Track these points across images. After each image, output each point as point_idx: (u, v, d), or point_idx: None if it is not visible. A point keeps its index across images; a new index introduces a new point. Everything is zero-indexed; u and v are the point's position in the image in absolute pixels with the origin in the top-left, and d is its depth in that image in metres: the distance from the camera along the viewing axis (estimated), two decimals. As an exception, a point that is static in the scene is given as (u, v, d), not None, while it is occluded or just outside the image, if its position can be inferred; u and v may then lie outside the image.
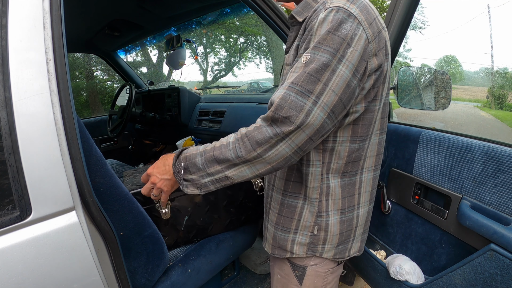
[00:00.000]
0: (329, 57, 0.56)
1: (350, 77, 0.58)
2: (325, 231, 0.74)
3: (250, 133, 0.59)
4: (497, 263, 0.73)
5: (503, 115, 9.41)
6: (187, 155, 0.67)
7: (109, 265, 0.70)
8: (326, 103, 0.56)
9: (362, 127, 0.69)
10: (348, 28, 0.57)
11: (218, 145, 0.64)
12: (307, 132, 0.56)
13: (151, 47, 8.13)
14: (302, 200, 0.74)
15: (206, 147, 0.66)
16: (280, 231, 0.77)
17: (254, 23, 9.61)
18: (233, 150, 0.61)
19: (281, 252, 0.79)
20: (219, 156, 0.62)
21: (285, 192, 0.76)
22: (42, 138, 0.57)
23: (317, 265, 0.78)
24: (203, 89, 4.47)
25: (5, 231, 0.56)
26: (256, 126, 0.60)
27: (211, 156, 0.63)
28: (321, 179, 0.71)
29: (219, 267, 1.20)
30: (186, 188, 0.68)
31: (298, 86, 0.56)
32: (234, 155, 0.61)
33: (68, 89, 0.60)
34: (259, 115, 0.63)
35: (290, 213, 0.75)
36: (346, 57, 0.57)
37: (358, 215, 0.77)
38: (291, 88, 0.57)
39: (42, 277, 0.59)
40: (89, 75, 7.21)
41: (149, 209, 0.99)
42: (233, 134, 0.64)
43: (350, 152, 0.70)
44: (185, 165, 0.67)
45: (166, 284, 0.99)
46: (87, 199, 0.63)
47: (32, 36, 0.57)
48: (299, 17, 0.69)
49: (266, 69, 12.81)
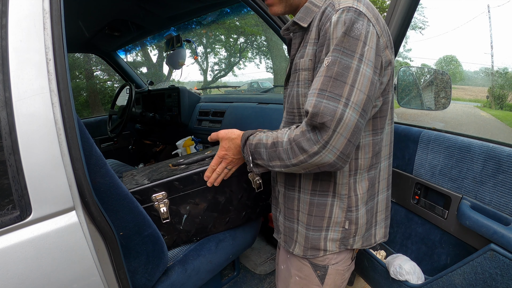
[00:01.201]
0: (349, 59, 0.59)
1: (372, 74, 0.60)
2: (355, 224, 0.76)
3: (298, 138, 0.62)
4: (497, 263, 0.73)
5: (503, 115, 9.41)
6: (253, 143, 0.73)
7: (109, 265, 0.70)
8: (357, 103, 0.59)
9: (381, 119, 0.73)
10: (360, 27, 0.59)
11: (275, 141, 0.68)
12: (345, 134, 0.58)
13: (151, 47, 8.13)
14: (331, 197, 0.75)
15: (267, 139, 0.70)
16: (312, 231, 0.77)
17: (254, 23, 9.61)
18: (284, 152, 0.65)
19: (314, 252, 0.79)
20: (277, 154, 0.67)
21: (313, 192, 0.76)
22: (42, 138, 0.57)
23: (337, 264, 0.80)
24: (203, 89, 4.47)
25: (5, 231, 0.56)
26: (302, 130, 0.62)
27: (273, 151, 0.68)
28: (349, 175, 0.73)
29: (219, 267, 1.20)
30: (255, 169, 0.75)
31: (327, 92, 0.58)
32: (286, 157, 0.65)
33: (68, 89, 0.60)
34: (259, 115, 0.64)
35: (320, 212, 0.76)
36: (365, 56, 0.59)
37: (377, 202, 0.81)
38: (320, 94, 0.59)
39: (42, 277, 0.59)
40: (89, 75, 7.21)
41: (148, 208, 0.99)
42: (287, 131, 0.67)
43: (374, 145, 0.74)
44: (252, 152, 0.74)
45: (166, 284, 0.99)
46: (87, 199, 0.63)
47: (32, 36, 0.57)
48: (303, 22, 0.70)
49: (266, 69, 12.81)
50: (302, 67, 0.69)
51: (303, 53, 0.70)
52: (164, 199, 1.01)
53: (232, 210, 1.16)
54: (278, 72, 7.67)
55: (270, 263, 1.61)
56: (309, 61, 0.68)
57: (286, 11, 0.76)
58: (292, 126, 0.68)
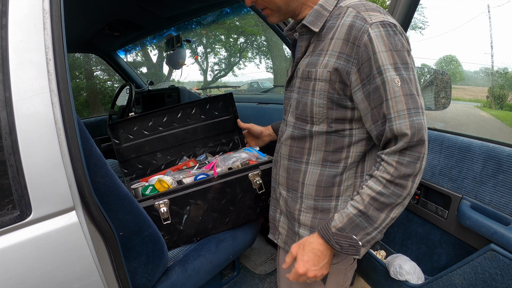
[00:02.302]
0: (408, 71, 0.62)
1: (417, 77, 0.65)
2: None
3: (398, 173, 0.61)
4: (497, 263, 0.73)
5: (503, 115, 9.40)
6: (341, 225, 0.66)
7: (109, 265, 0.70)
8: (423, 107, 0.63)
9: None
10: (398, 40, 0.62)
11: (371, 196, 0.64)
12: (427, 138, 0.62)
13: (151, 47, 8.13)
14: (335, 201, 0.75)
15: (357, 206, 0.65)
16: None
17: (254, 23, 9.61)
18: (392, 196, 0.63)
19: None
20: (384, 205, 0.64)
21: (317, 197, 0.76)
22: (42, 138, 0.57)
23: (339, 263, 0.81)
24: (203, 89, 4.47)
25: (5, 231, 0.56)
26: (393, 165, 0.62)
27: (377, 207, 0.64)
28: (355, 177, 0.75)
29: (219, 267, 1.20)
30: (363, 248, 0.67)
31: (412, 110, 0.61)
32: (395, 199, 0.63)
33: (68, 89, 0.60)
34: (259, 115, 0.64)
35: (324, 215, 0.76)
36: (411, 63, 0.64)
37: None
38: (410, 114, 0.61)
39: (42, 277, 0.59)
40: (89, 75, 7.21)
41: (148, 208, 0.99)
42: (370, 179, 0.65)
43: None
44: (348, 233, 0.66)
45: (166, 284, 0.99)
46: (87, 199, 0.63)
47: (32, 36, 0.57)
48: (314, 27, 0.69)
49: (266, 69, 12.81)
50: (320, 77, 0.68)
51: (316, 62, 0.69)
52: (165, 199, 1.02)
53: (232, 211, 1.16)
54: (278, 72, 7.67)
55: (270, 263, 1.60)
56: (328, 73, 0.66)
57: (282, 19, 0.76)
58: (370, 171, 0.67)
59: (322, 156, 0.74)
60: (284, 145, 0.81)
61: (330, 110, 0.69)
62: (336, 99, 0.68)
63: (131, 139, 1.33)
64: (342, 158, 0.73)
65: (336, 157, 0.73)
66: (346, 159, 0.73)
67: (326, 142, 0.73)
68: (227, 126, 1.48)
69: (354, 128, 0.71)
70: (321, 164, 0.74)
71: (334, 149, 0.73)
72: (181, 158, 1.45)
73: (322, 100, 0.69)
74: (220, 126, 1.47)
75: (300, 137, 0.76)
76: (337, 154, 0.73)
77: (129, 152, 1.33)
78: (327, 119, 0.70)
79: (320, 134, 0.72)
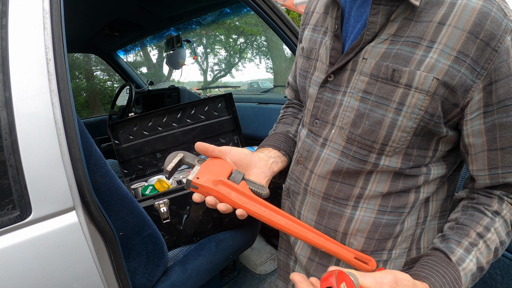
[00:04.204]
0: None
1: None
2: None
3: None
4: (497, 263, 0.73)
5: (503, 115, 9.38)
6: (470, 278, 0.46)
7: (109, 265, 0.70)
8: None
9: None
10: None
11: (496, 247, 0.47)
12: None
13: (151, 47, 8.13)
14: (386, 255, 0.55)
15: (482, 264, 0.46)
16: None
17: (254, 23, 9.62)
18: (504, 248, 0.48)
19: None
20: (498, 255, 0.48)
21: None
22: (42, 138, 0.57)
23: None
24: (203, 89, 4.47)
25: (5, 231, 0.56)
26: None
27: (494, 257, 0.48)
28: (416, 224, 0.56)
29: (219, 267, 1.20)
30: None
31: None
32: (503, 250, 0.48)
33: (68, 89, 0.60)
34: (259, 115, 0.61)
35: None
36: None
37: None
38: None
39: (42, 277, 0.59)
40: (89, 75, 7.20)
41: (148, 208, 0.99)
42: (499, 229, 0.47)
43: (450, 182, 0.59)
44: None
45: (166, 284, 0.99)
46: (87, 199, 0.63)
47: (32, 36, 0.57)
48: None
49: (266, 69, 12.82)
50: (420, 85, 0.43)
51: (408, 56, 0.43)
52: (164, 199, 1.02)
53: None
54: (278, 72, 7.67)
55: (270, 263, 1.61)
56: (436, 81, 0.42)
57: None
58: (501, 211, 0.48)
59: (380, 199, 0.51)
60: (318, 176, 0.54)
61: (415, 137, 0.47)
62: (433, 123, 0.45)
63: (131, 139, 1.34)
64: (409, 202, 0.51)
65: (401, 201, 0.51)
66: (413, 202, 0.51)
67: (393, 180, 0.50)
68: (227, 126, 1.48)
69: (433, 162, 0.50)
70: (378, 210, 0.51)
71: (402, 189, 0.50)
72: (181, 158, 1.44)
73: (412, 122, 0.45)
74: (220, 126, 1.48)
75: (354, 171, 0.50)
76: (403, 197, 0.51)
77: (129, 153, 1.33)
78: (407, 149, 0.48)
79: (389, 170, 0.49)
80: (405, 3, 0.44)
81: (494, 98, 0.42)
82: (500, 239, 0.46)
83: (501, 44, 0.40)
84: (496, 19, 0.40)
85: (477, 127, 0.44)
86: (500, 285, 0.73)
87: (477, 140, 0.45)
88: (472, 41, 0.40)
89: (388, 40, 0.45)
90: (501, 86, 0.41)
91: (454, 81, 0.42)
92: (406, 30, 0.44)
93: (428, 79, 0.42)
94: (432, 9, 0.43)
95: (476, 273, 0.46)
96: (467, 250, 0.46)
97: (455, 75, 0.41)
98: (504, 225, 0.47)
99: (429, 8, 0.43)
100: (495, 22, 0.40)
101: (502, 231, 0.46)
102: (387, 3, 0.44)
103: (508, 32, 0.40)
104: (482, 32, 0.40)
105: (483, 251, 0.46)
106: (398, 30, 0.45)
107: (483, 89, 0.42)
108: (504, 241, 0.46)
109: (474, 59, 0.41)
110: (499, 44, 0.40)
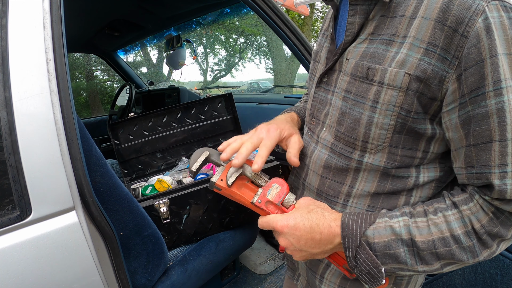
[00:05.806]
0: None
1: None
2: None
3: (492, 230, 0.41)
4: (497, 263, 0.73)
5: (503, 115, 9.38)
6: (373, 243, 0.45)
7: (109, 265, 0.70)
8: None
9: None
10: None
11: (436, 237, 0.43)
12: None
13: (151, 47, 8.13)
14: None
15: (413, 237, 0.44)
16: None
17: (254, 23, 9.62)
18: (469, 250, 0.42)
19: None
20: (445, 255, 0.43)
21: None
22: (42, 138, 0.57)
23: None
24: (203, 89, 4.47)
25: (5, 231, 0.56)
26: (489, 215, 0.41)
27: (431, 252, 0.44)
28: None
29: (219, 267, 1.20)
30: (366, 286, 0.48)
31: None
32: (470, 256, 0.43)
33: (68, 89, 0.60)
34: (259, 115, 0.61)
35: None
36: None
37: None
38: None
39: (42, 277, 0.59)
40: (89, 75, 7.20)
41: (148, 208, 0.99)
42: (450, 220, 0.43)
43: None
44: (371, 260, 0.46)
45: (166, 284, 0.99)
46: (87, 199, 0.63)
47: (32, 36, 0.57)
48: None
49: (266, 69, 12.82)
50: (390, 82, 0.43)
51: (382, 53, 0.44)
52: (164, 199, 1.02)
53: (232, 211, 1.16)
54: (278, 72, 7.69)
55: (270, 263, 1.61)
56: (407, 77, 0.41)
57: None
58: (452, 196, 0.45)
59: (369, 199, 0.51)
60: (312, 172, 0.56)
61: (397, 135, 0.46)
62: (411, 120, 0.44)
63: (131, 139, 1.34)
64: (398, 205, 0.50)
65: (390, 203, 0.50)
66: (403, 205, 0.50)
67: (380, 181, 0.49)
68: (227, 126, 1.48)
69: (424, 164, 0.48)
70: (366, 210, 0.51)
71: (390, 191, 0.49)
72: (180, 158, 1.45)
73: (389, 119, 0.45)
74: (220, 126, 1.48)
75: (341, 168, 0.51)
76: (393, 199, 0.50)
77: (129, 153, 1.33)
78: (390, 147, 0.47)
79: (374, 169, 0.49)
80: (381, 1, 0.45)
81: (465, 88, 0.39)
82: (452, 232, 0.42)
83: (471, 28, 0.37)
84: (464, 2, 0.37)
85: (454, 121, 0.42)
86: (500, 285, 0.73)
87: (454, 135, 0.43)
88: (440, 29, 0.39)
89: (368, 39, 0.46)
90: (471, 74, 0.38)
91: (426, 74, 0.40)
92: (383, 27, 0.45)
93: (399, 75, 0.42)
94: (404, 1, 0.43)
95: (402, 239, 0.44)
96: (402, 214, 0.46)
97: (426, 68, 0.40)
98: (461, 221, 0.43)
99: (402, 1, 0.43)
100: (462, 5, 0.37)
101: (454, 225, 0.42)
102: (363, 2, 0.45)
103: (479, 13, 0.37)
104: (449, 18, 0.38)
105: (420, 226, 0.44)
106: (376, 28, 0.46)
107: (457, 79, 0.39)
108: (458, 238, 0.42)
109: (444, 48, 0.39)
110: (467, 28, 0.37)
